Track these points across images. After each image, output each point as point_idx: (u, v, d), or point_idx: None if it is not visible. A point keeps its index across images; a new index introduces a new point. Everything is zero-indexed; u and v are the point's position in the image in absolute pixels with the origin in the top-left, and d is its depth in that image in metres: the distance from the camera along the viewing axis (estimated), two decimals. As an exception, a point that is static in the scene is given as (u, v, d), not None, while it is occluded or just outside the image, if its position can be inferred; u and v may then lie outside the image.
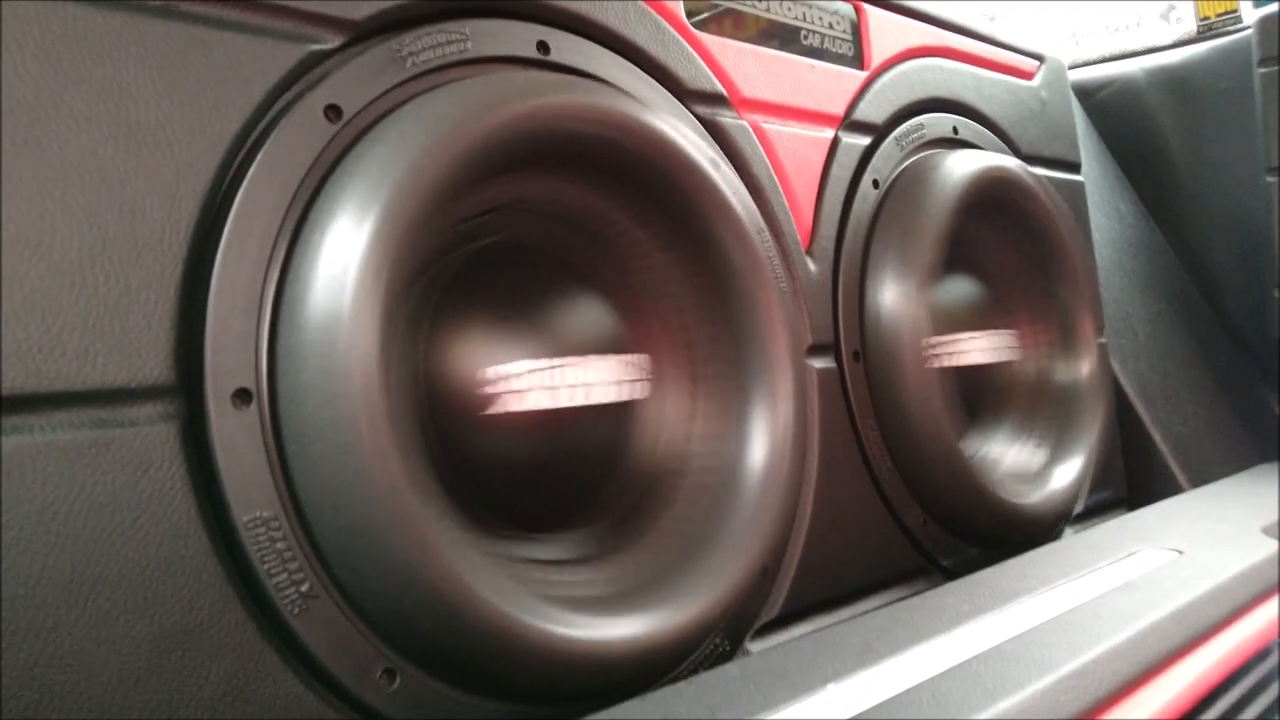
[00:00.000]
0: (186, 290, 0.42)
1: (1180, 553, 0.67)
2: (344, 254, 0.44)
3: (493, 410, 0.55)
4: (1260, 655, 0.57)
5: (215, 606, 0.41)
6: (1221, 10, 1.38)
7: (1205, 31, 1.37)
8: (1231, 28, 1.32)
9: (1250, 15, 1.32)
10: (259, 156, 0.45)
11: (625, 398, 0.60)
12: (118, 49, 0.42)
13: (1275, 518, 0.76)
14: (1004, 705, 0.43)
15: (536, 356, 0.57)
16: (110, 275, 0.40)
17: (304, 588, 0.43)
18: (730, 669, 0.50)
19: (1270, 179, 1.19)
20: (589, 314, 0.62)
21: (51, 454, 0.38)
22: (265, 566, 0.43)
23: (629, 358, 0.61)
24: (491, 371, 0.55)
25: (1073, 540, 0.78)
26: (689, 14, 0.68)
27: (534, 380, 0.56)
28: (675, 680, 0.55)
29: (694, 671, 0.59)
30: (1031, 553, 0.73)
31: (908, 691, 0.45)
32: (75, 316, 0.39)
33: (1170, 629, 0.53)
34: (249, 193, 0.44)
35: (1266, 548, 0.67)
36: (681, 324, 0.62)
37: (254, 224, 0.44)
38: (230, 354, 0.43)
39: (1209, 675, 0.53)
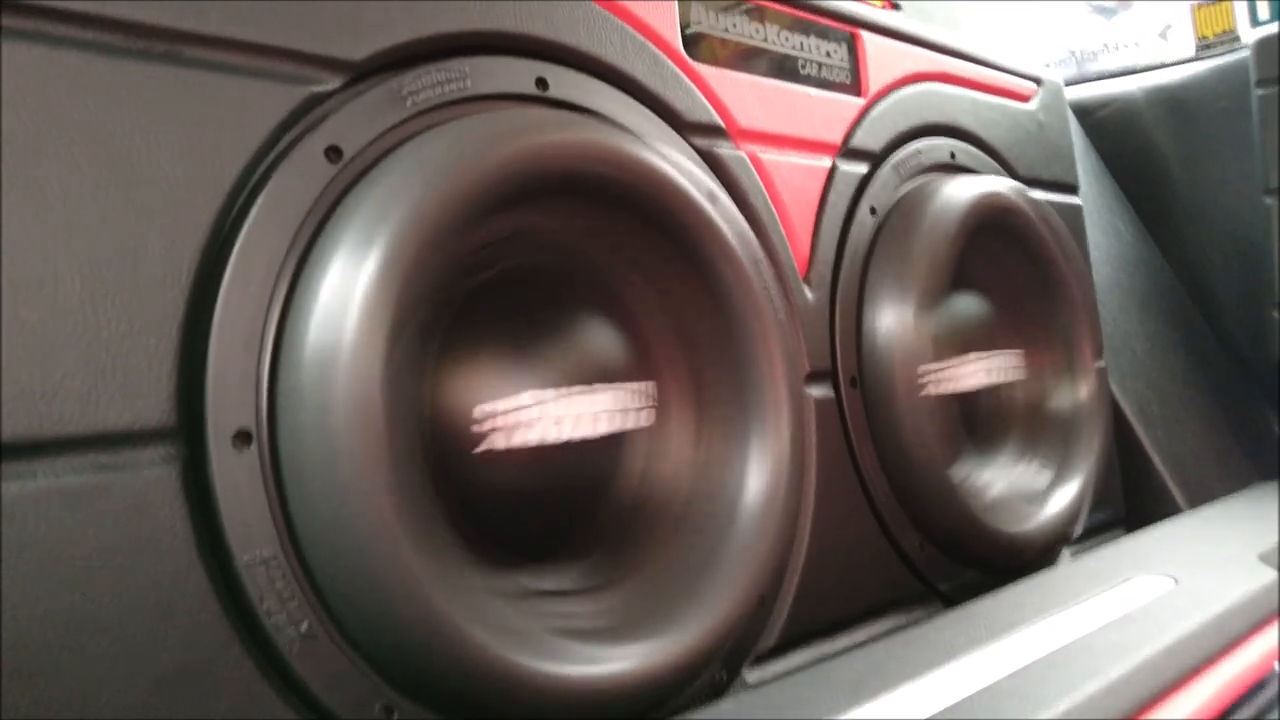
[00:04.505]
0: (188, 332, 0.43)
1: (1176, 581, 0.68)
2: (344, 294, 0.45)
3: (494, 441, 0.55)
4: (1257, 687, 0.57)
5: (215, 646, 0.42)
6: (1220, 30, 1.39)
7: (1203, 51, 1.38)
8: (1229, 47, 1.33)
9: (1248, 35, 1.33)
10: (260, 198, 0.45)
11: (628, 427, 0.61)
12: (120, 95, 0.42)
13: (1272, 543, 0.77)
14: (997, 744, 0.44)
15: (537, 387, 0.57)
16: (112, 318, 0.41)
17: (303, 627, 0.44)
18: (724, 706, 0.50)
19: (1268, 200, 1.19)
20: (589, 346, 0.62)
21: (53, 499, 0.38)
22: (264, 606, 0.43)
23: (631, 386, 0.61)
24: (494, 403, 0.56)
25: (1069, 567, 0.78)
26: (687, 46, 0.68)
27: (536, 411, 0.57)
28: (672, 712, 0.55)
29: (692, 701, 0.59)
30: (1028, 580, 0.73)
31: (902, 729, 0.46)
32: (77, 360, 0.40)
33: (1165, 663, 0.53)
34: (250, 235, 0.45)
35: (1263, 576, 0.67)
36: (680, 354, 0.63)
37: (255, 265, 0.45)
38: (231, 395, 0.43)
39: (1205, 709, 0.53)
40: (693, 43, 0.69)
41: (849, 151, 0.80)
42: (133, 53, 0.43)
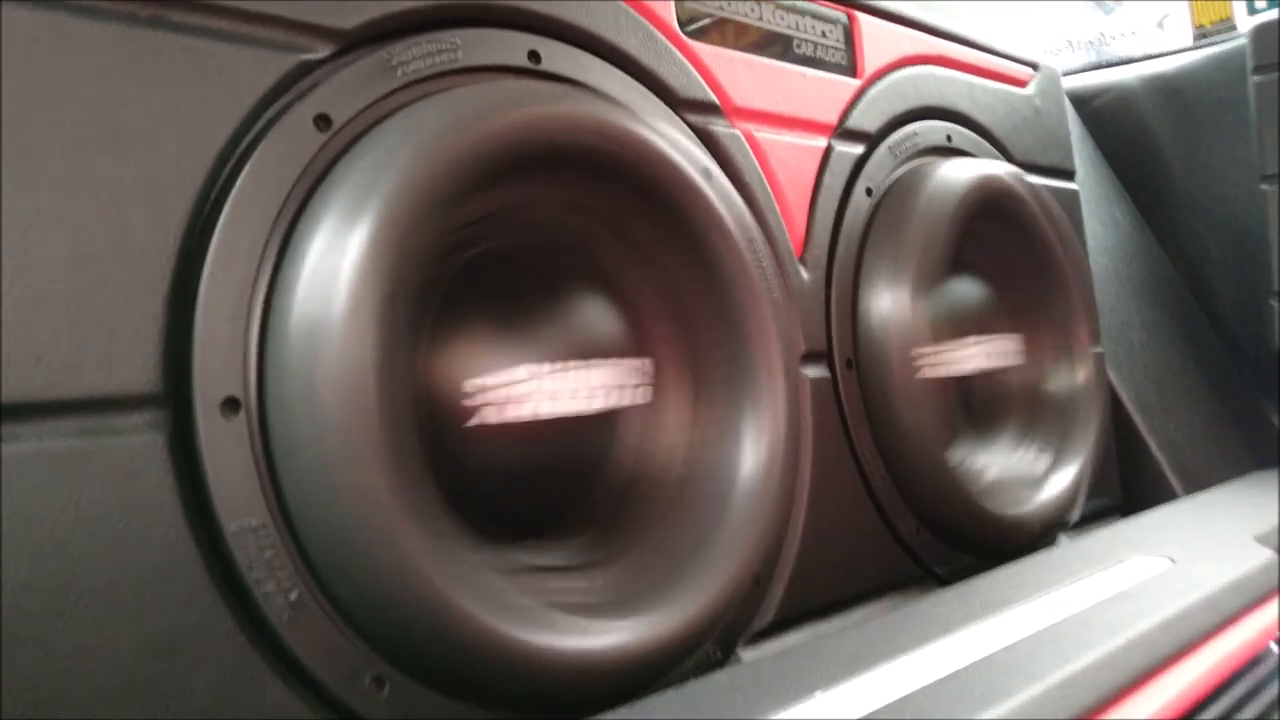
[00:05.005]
0: (175, 299, 0.42)
1: (1173, 561, 0.67)
2: (333, 262, 0.44)
3: (487, 417, 0.55)
4: (1250, 664, 0.57)
5: (204, 615, 0.41)
6: (1216, 18, 1.39)
7: (1200, 40, 1.38)
8: (1226, 36, 1.33)
9: (1245, 23, 1.33)
10: (248, 166, 0.45)
11: (624, 403, 0.60)
12: (106, 59, 0.42)
13: (1268, 525, 0.76)
14: (991, 714, 0.43)
15: (530, 363, 0.57)
16: (98, 284, 0.40)
17: (292, 596, 0.44)
18: (718, 677, 0.50)
19: (1266, 187, 1.19)
20: (583, 322, 0.62)
21: (39, 463, 0.38)
22: (253, 575, 0.43)
23: (625, 363, 0.61)
24: (486, 378, 0.55)
25: (1066, 548, 0.78)
26: (681, 23, 0.68)
27: (529, 387, 0.57)
28: (666, 688, 0.55)
29: (685, 679, 0.59)
30: (1024, 560, 0.73)
31: (896, 701, 0.45)
32: (63, 325, 0.39)
33: (1160, 638, 0.53)
34: (238, 201, 0.45)
35: (1259, 556, 0.67)
36: (674, 332, 0.62)
37: (243, 233, 0.45)
38: (218, 363, 0.43)
39: (1199, 684, 0.53)
40: (688, 20, 0.69)
41: (845, 132, 0.80)
42: (118, 16, 0.42)
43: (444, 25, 0.54)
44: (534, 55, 0.58)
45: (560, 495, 0.60)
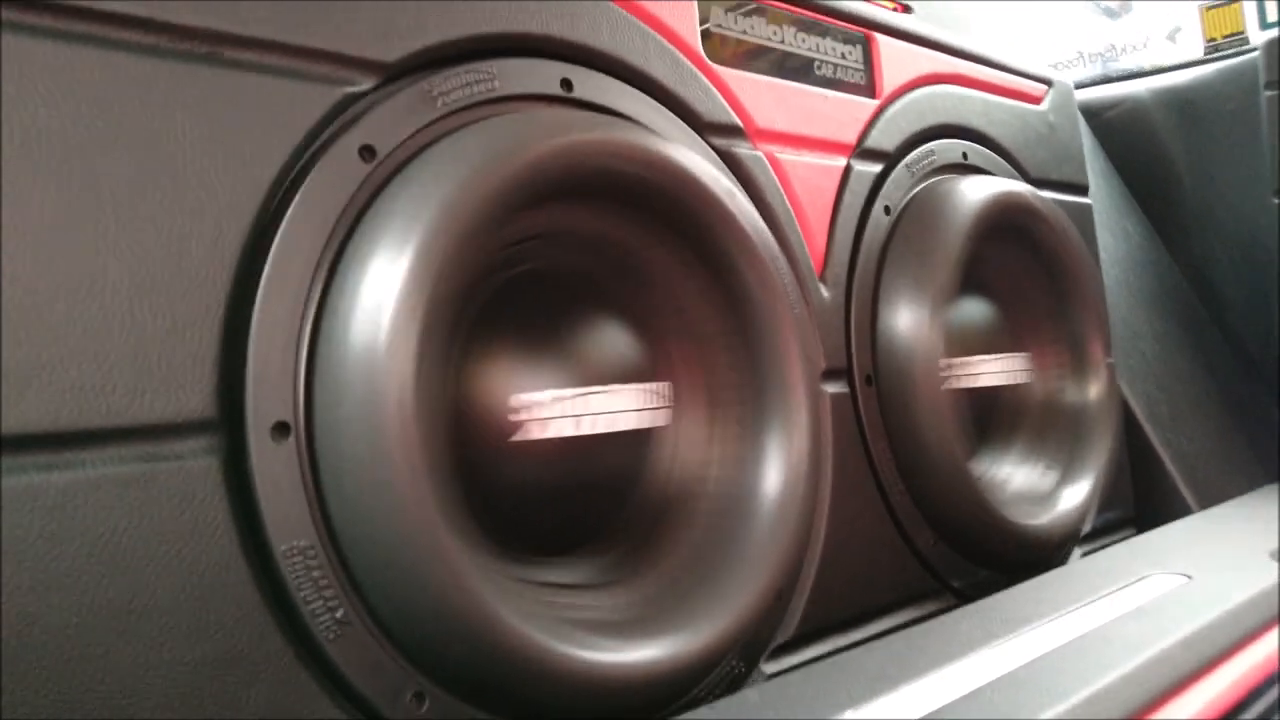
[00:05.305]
0: (229, 327, 0.44)
1: (1189, 578, 0.68)
2: (380, 290, 0.46)
3: (518, 437, 0.56)
4: (1269, 681, 0.58)
5: (255, 633, 0.43)
6: (1228, 31, 1.40)
7: (1212, 53, 1.39)
8: (1238, 49, 1.34)
9: (1257, 37, 1.34)
10: (297, 196, 0.46)
11: (648, 425, 0.62)
12: (164, 95, 0.43)
13: (1283, 541, 0.77)
14: (1019, 732, 0.44)
15: (561, 383, 0.58)
16: (157, 314, 0.42)
17: (339, 614, 0.45)
18: (750, 694, 0.51)
19: (1277, 201, 1.20)
20: (612, 341, 0.63)
21: (102, 488, 0.39)
22: (302, 594, 0.44)
23: (651, 385, 0.62)
24: (517, 399, 0.57)
25: (1083, 564, 0.79)
26: (706, 48, 0.69)
27: (559, 408, 0.58)
28: (691, 702, 0.56)
29: (711, 693, 0.60)
30: (1043, 577, 0.74)
31: (924, 718, 0.46)
32: (125, 354, 0.41)
33: (1181, 655, 0.54)
34: (288, 231, 0.46)
35: (1275, 572, 0.68)
36: (700, 350, 0.63)
37: (293, 261, 0.46)
38: (269, 388, 0.44)
39: (1220, 700, 0.54)
40: (712, 44, 0.70)
41: (864, 152, 0.81)
42: (176, 54, 0.44)
43: (481, 56, 0.56)
44: (566, 83, 0.60)
45: (590, 513, 0.62)
